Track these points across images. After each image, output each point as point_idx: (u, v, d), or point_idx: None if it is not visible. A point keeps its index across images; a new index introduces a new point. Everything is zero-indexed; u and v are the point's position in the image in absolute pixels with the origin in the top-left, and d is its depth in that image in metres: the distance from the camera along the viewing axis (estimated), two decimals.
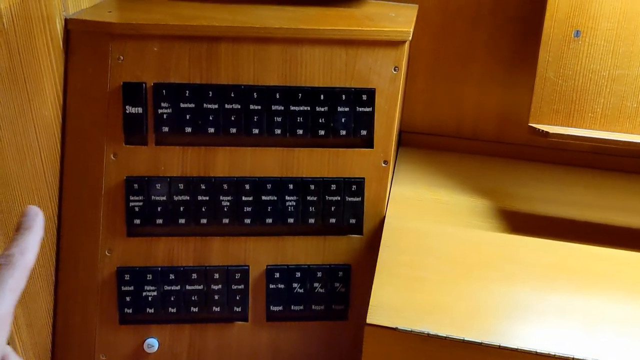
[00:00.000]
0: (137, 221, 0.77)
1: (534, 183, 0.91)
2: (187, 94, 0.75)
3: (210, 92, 0.75)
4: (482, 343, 0.60)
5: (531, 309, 0.66)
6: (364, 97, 0.77)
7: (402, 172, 0.93)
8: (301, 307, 0.82)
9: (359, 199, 0.80)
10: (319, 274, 0.81)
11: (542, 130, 0.77)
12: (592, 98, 0.80)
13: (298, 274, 0.81)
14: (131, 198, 0.76)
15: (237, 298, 0.80)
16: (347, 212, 0.80)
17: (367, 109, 0.78)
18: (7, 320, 0.41)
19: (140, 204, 0.76)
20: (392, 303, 0.65)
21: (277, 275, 0.80)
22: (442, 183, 0.92)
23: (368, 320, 0.62)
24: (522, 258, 0.74)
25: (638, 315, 0.66)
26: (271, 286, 0.81)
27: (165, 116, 0.75)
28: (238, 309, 0.81)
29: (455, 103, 0.99)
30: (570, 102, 0.80)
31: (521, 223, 0.81)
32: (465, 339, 0.60)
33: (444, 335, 0.61)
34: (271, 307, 0.81)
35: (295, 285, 0.81)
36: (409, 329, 0.61)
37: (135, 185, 0.76)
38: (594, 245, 0.75)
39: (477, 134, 1.01)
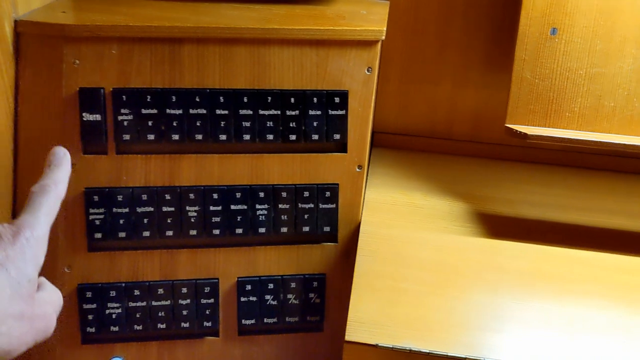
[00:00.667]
0: (99, 235, 0.72)
1: (511, 184, 0.89)
2: (149, 100, 0.70)
3: (174, 97, 0.71)
4: (466, 358, 0.58)
5: (514, 318, 0.64)
6: (337, 99, 0.74)
7: (376, 175, 0.91)
8: (274, 320, 0.78)
9: (333, 205, 0.77)
10: (293, 285, 0.78)
11: (521, 132, 0.74)
12: (570, 97, 0.78)
13: (271, 286, 0.77)
14: (91, 211, 0.71)
15: (207, 312, 0.76)
16: (321, 219, 0.77)
17: (340, 112, 0.75)
18: (44, 242, 0.48)
19: (102, 216, 0.72)
20: (371, 318, 0.62)
21: (248, 287, 0.77)
22: (418, 186, 0.89)
23: (347, 338, 0.59)
24: (502, 264, 0.71)
25: (621, 321, 0.64)
26: (242, 299, 0.77)
27: (126, 123, 0.70)
28: (208, 324, 0.77)
29: (429, 103, 0.97)
30: (548, 101, 0.78)
31: (499, 227, 0.79)
32: (449, 354, 0.58)
33: (427, 351, 0.58)
34: (243, 320, 0.77)
35: (267, 297, 0.77)
36: (391, 346, 0.58)
37: (96, 197, 0.71)
38: (574, 249, 0.74)
39: (451, 133, 0.98)
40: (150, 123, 0.71)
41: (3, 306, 0.44)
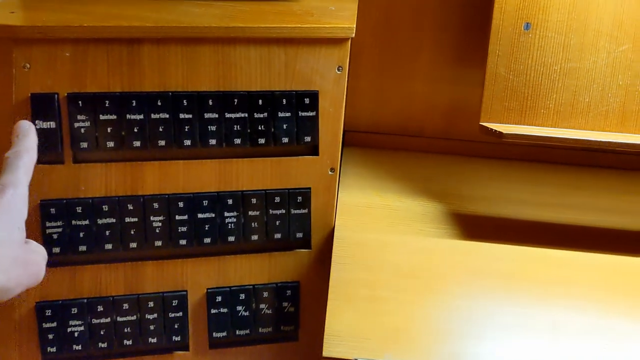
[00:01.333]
0: (57, 249, 0.68)
1: (486, 182, 0.87)
2: (107, 105, 0.66)
3: (134, 101, 0.66)
4: None
5: (495, 324, 0.62)
6: (307, 100, 0.71)
7: (349, 175, 0.88)
8: (247, 331, 0.75)
9: (306, 210, 0.74)
10: (265, 294, 0.75)
11: (496, 131, 0.72)
12: (545, 93, 0.76)
13: (242, 296, 0.74)
14: (48, 224, 0.67)
15: (176, 326, 0.73)
16: (293, 225, 0.74)
17: (311, 113, 0.71)
18: (26, 199, 0.55)
19: (59, 230, 0.67)
20: (349, 330, 0.59)
21: (219, 298, 0.73)
22: (391, 186, 0.86)
23: (325, 353, 0.56)
24: (481, 267, 0.69)
25: (604, 322, 0.63)
26: (213, 311, 0.74)
27: (83, 130, 0.66)
28: (177, 338, 0.73)
29: (401, 100, 0.94)
30: (523, 98, 0.76)
31: (476, 227, 0.77)
32: None
33: None
34: (214, 333, 0.74)
35: (239, 308, 0.74)
36: None
37: (52, 210, 0.66)
38: (553, 249, 0.72)
39: (424, 131, 0.96)
40: (109, 129, 0.67)
41: (1, 248, 0.50)
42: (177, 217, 0.70)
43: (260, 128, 0.70)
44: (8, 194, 0.53)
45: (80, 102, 0.65)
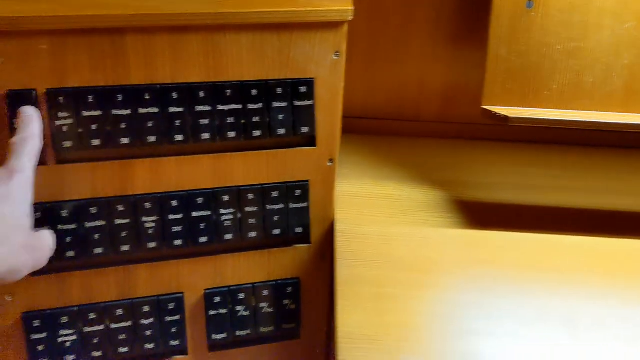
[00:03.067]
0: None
1: (487, 166, 0.85)
2: (90, 100, 0.61)
3: (120, 96, 0.62)
4: None
5: (511, 317, 0.59)
6: (302, 89, 0.67)
7: (344, 164, 0.84)
8: (248, 332, 0.72)
9: (304, 204, 0.71)
10: (265, 293, 0.72)
11: (500, 115, 0.69)
12: (548, 75, 0.74)
13: (241, 296, 0.71)
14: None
15: (173, 330, 0.69)
16: (292, 220, 0.71)
17: (307, 103, 0.68)
18: (32, 184, 0.56)
19: None
20: (361, 332, 0.56)
21: (217, 299, 0.70)
22: (390, 174, 0.83)
23: (340, 358, 0.53)
24: (490, 258, 0.67)
25: (622, 311, 0.61)
26: (211, 312, 0.70)
27: (65, 128, 0.61)
28: (175, 343, 0.70)
29: (395, 83, 0.91)
30: (525, 80, 0.74)
31: (481, 215, 0.75)
32: None
33: None
34: (213, 335, 0.71)
35: (239, 308, 0.71)
36: None
37: (37, 214, 0.62)
38: (563, 234, 0.70)
39: (420, 115, 0.93)
40: (93, 127, 0.62)
41: (10, 233, 0.52)
42: (171, 217, 0.66)
43: (254, 120, 0.66)
44: (15, 179, 0.54)
45: (61, 98, 0.61)
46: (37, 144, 0.58)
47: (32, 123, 0.58)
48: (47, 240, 0.58)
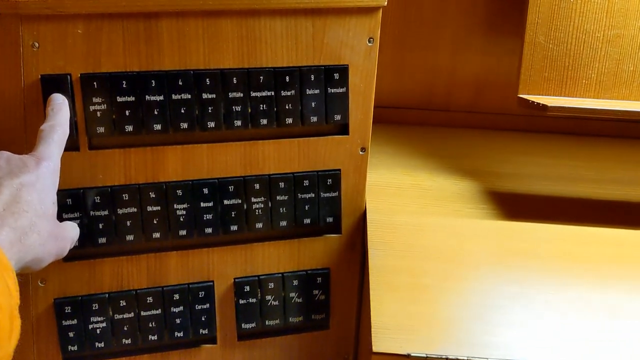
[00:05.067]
0: (75, 243, 0.63)
1: (519, 157, 0.83)
2: (124, 85, 0.61)
3: (153, 81, 0.61)
4: None
5: (551, 311, 0.58)
6: (336, 75, 0.66)
7: (374, 154, 0.83)
8: (277, 321, 0.71)
9: (336, 193, 0.70)
10: (295, 282, 0.71)
11: (538, 104, 0.68)
12: (587, 63, 0.72)
13: (271, 285, 0.70)
14: (64, 215, 0.62)
15: (203, 319, 0.69)
16: (323, 209, 0.70)
17: (340, 90, 0.67)
18: (58, 172, 0.56)
19: (77, 221, 0.63)
20: (396, 322, 0.55)
21: (247, 288, 0.69)
22: (420, 164, 0.82)
23: (374, 349, 0.52)
24: (527, 249, 0.66)
25: None
26: (241, 301, 0.70)
27: (99, 114, 0.61)
28: (204, 331, 0.69)
29: (426, 71, 0.90)
30: (563, 68, 0.72)
31: (514, 206, 0.73)
32: (490, 359, 0.52)
33: (465, 357, 0.52)
34: (242, 324, 0.70)
35: (268, 297, 0.70)
36: (424, 354, 0.52)
37: (69, 200, 0.62)
38: (602, 227, 0.68)
39: (450, 104, 0.91)
40: (127, 112, 0.62)
41: (38, 221, 0.51)
42: (202, 204, 0.66)
43: (287, 107, 0.66)
44: (43, 166, 0.54)
45: (95, 83, 0.60)
46: (65, 131, 0.58)
47: (61, 111, 0.58)
48: (70, 231, 0.59)
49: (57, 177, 0.56)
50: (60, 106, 0.58)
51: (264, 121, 0.65)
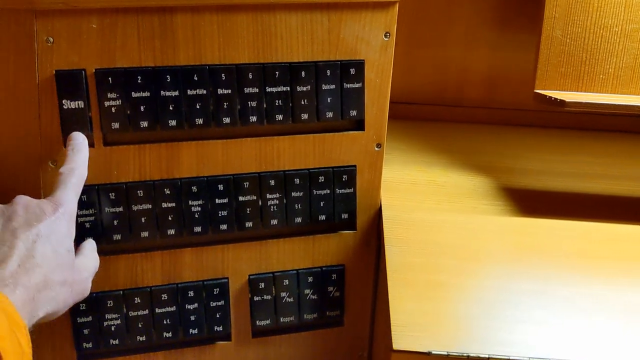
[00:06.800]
0: (89, 239, 0.62)
1: (534, 153, 0.83)
2: (139, 81, 0.60)
3: (168, 77, 0.61)
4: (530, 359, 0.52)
5: (572, 307, 0.57)
6: (352, 70, 0.65)
7: (388, 150, 0.82)
8: (291, 318, 0.71)
9: (351, 190, 0.69)
10: (310, 279, 0.70)
11: (556, 99, 0.67)
12: (604, 57, 0.71)
13: (286, 282, 0.70)
14: (79, 212, 0.61)
15: (217, 316, 0.68)
16: (338, 206, 0.69)
17: (356, 85, 0.66)
18: (74, 217, 0.56)
19: (92, 218, 0.62)
20: (416, 320, 0.55)
21: (261, 285, 0.69)
22: (434, 160, 0.82)
23: (395, 346, 0.52)
24: (544, 246, 0.65)
25: None
26: (256, 298, 0.69)
27: (113, 109, 0.60)
28: (219, 328, 0.69)
29: (437, 66, 0.89)
30: (580, 63, 0.71)
31: (531, 202, 0.73)
32: (511, 357, 0.51)
33: (487, 355, 0.51)
34: (257, 321, 0.70)
35: (283, 294, 0.70)
36: (445, 352, 0.51)
37: (84, 197, 0.61)
38: (619, 223, 0.68)
39: (462, 100, 0.91)
40: (142, 108, 0.61)
41: (51, 275, 0.51)
42: (217, 201, 0.65)
43: (303, 102, 0.65)
44: (59, 213, 0.53)
45: (110, 78, 0.59)
46: (83, 175, 0.58)
47: (80, 152, 0.58)
48: (85, 271, 0.57)
49: (74, 223, 0.56)
50: (80, 146, 0.58)
51: (280, 117, 0.65)
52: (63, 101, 0.59)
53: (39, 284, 0.50)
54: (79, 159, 0.57)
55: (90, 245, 0.61)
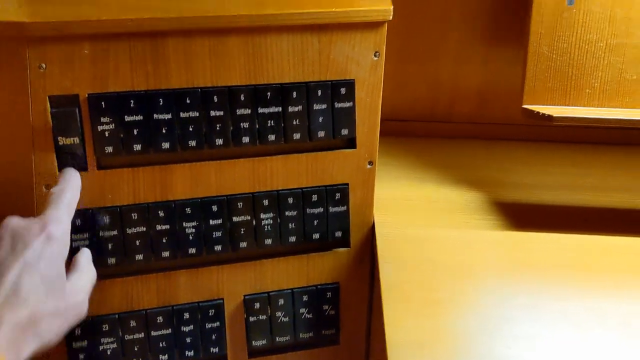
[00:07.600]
0: (83, 249, 0.62)
1: (524, 167, 0.83)
2: (132, 104, 0.61)
3: (161, 100, 0.61)
4: None
5: (566, 322, 0.58)
6: (343, 90, 0.66)
7: (379, 166, 0.83)
8: (287, 338, 0.71)
9: (344, 208, 0.70)
10: (305, 298, 0.71)
11: (544, 114, 0.68)
12: (590, 72, 0.72)
13: (281, 301, 0.70)
14: (73, 236, 0.62)
15: (213, 337, 0.68)
16: (332, 224, 0.70)
17: (347, 104, 0.67)
18: (68, 237, 0.55)
19: (86, 242, 0.62)
20: (411, 337, 0.55)
21: (256, 305, 0.69)
22: (426, 176, 0.82)
23: None
24: (537, 260, 0.66)
25: None
26: (251, 319, 0.69)
27: (107, 134, 0.61)
28: (215, 350, 0.69)
29: (428, 83, 0.89)
30: (566, 78, 0.72)
31: (523, 216, 0.73)
32: None
33: None
34: (253, 342, 0.70)
35: (278, 314, 0.70)
36: None
37: (77, 221, 0.61)
38: (613, 235, 0.68)
39: (452, 115, 0.92)
40: (135, 131, 0.61)
41: (40, 306, 0.49)
42: (211, 222, 0.65)
43: (295, 122, 0.65)
44: (47, 232, 0.52)
45: (102, 103, 0.60)
46: (75, 196, 0.57)
47: (72, 177, 0.58)
48: (79, 292, 0.55)
49: (67, 242, 0.54)
50: (71, 172, 0.59)
51: (272, 137, 0.65)
52: (58, 138, 0.59)
53: (25, 320, 0.48)
54: (71, 181, 0.57)
55: (84, 256, 0.59)
